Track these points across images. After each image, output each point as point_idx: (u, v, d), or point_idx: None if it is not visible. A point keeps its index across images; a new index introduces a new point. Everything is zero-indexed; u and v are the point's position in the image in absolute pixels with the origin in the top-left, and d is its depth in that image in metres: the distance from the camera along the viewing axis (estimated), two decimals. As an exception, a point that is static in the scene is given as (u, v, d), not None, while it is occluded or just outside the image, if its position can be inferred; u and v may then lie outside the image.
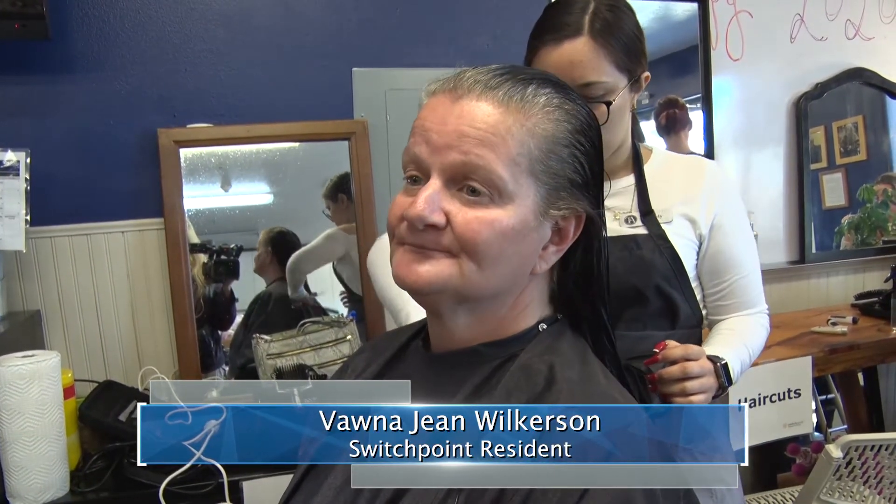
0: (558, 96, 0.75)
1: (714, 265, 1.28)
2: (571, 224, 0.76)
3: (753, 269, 1.30)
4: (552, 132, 0.73)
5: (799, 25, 2.62)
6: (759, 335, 1.29)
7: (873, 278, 2.77)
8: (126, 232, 1.93)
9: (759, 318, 1.31)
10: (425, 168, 0.73)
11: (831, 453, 1.71)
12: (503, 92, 0.72)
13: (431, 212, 0.71)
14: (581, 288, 0.80)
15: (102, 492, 1.51)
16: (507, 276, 0.74)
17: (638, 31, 1.20)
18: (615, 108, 1.17)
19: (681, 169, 1.31)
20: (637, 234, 1.24)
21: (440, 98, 0.74)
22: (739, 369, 1.20)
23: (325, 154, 2.11)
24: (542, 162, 0.72)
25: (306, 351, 1.94)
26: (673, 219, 1.25)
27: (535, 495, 0.63)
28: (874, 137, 2.80)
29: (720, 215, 1.26)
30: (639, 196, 1.27)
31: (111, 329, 1.93)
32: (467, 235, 0.71)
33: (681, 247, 1.24)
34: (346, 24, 2.08)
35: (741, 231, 1.29)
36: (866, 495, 1.84)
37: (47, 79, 1.85)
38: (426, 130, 0.73)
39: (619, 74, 1.17)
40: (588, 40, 1.14)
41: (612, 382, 0.76)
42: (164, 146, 1.90)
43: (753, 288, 1.30)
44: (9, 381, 1.39)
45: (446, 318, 0.78)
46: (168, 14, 1.94)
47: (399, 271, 0.75)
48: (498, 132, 0.71)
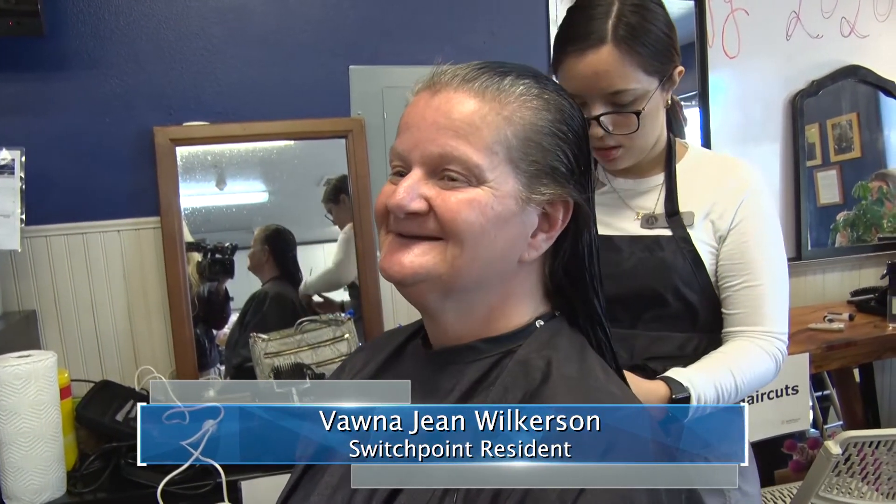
0: (537, 86, 0.76)
1: (725, 268, 1.20)
2: (559, 211, 0.77)
3: (769, 283, 1.19)
4: (530, 120, 0.74)
5: (795, 23, 2.62)
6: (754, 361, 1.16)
7: (869, 275, 2.77)
8: (122, 231, 1.92)
9: (760, 342, 1.18)
10: (407, 161, 0.75)
11: (830, 450, 1.71)
12: (479, 83, 0.73)
13: (411, 200, 0.73)
14: (572, 278, 0.80)
15: (100, 492, 1.51)
16: (491, 260, 0.75)
17: (667, 29, 1.15)
18: (645, 114, 1.14)
19: (713, 169, 1.25)
20: (660, 235, 1.21)
21: (421, 94, 0.76)
22: (714, 396, 1.10)
23: (321, 152, 2.10)
24: (519, 149, 0.73)
25: (304, 350, 1.94)
26: (696, 223, 1.21)
27: (534, 492, 0.63)
28: (868, 135, 2.80)
29: (743, 220, 1.19)
30: (666, 195, 1.23)
31: (107, 328, 1.93)
32: (448, 216, 0.72)
33: (704, 253, 1.20)
34: (343, 22, 2.07)
35: (763, 240, 1.20)
36: (864, 491, 1.85)
37: (42, 76, 1.84)
38: (408, 126, 0.75)
39: (649, 78, 1.14)
40: (612, 49, 1.10)
41: (612, 378, 0.76)
42: (160, 144, 1.90)
43: (765, 303, 1.19)
44: (5, 381, 1.38)
45: (435, 313, 0.78)
46: (163, 11, 1.93)
47: (383, 263, 0.76)
48: (473, 121, 0.72)
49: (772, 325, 1.19)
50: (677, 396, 1.06)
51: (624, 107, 1.13)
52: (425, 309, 0.79)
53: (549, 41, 2.27)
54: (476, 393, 0.74)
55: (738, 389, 1.13)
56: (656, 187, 1.25)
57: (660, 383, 1.08)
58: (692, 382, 1.08)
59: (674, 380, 1.08)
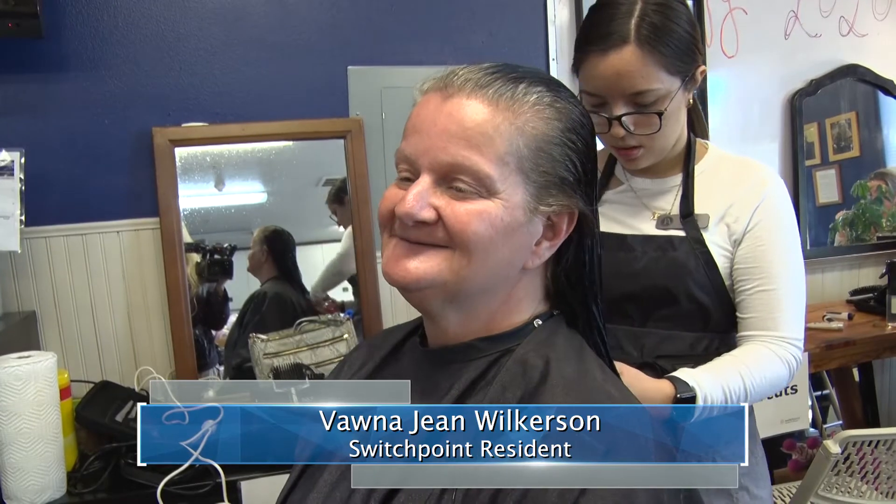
0: (550, 94, 0.75)
1: (740, 271, 1.18)
2: (564, 220, 0.76)
3: (784, 288, 1.16)
4: (542, 130, 0.73)
5: (793, 22, 2.62)
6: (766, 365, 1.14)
7: (868, 274, 2.78)
8: (121, 232, 1.92)
9: (773, 347, 1.16)
10: (416, 167, 0.74)
11: (829, 449, 1.71)
12: (493, 90, 0.72)
13: (421, 208, 0.72)
14: (573, 284, 0.80)
15: (100, 493, 1.51)
16: (496, 269, 0.74)
17: (691, 28, 1.14)
18: (667, 115, 1.13)
19: (731, 172, 1.24)
20: (673, 235, 1.20)
21: (431, 97, 0.74)
22: (721, 398, 1.08)
23: (320, 153, 2.11)
24: (531, 160, 0.73)
25: (303, 350, 1.94)
26: (711, 226, 1.19)
27: (534, 492, 0.63)
28: (867, 134, 2.80)
29: (759, 223, 1.18)
30: (682, 196, 1.22)
31: (107, 329, 1.93)
32: (457, 227, 0.71)
33: (717, 255, 1.18)
34: (341, 22, 2.08)
35: (779, 244, 1.18)
36: (863, 490, 1.85)
37: (41, 78, 1.85)
38: (417, 130, 0.74)
39: (672, 78, 1.12)
40: (635, 49, 1.09)
41: (609, 378, 0.76)
42: (158, 145, 1.90)
43: (780, 307, 1.16)
44: (5, 382, 1.38)
45: (436, 316, 0.78)
46: (162, 12, 1.93)
47: (387, 268, 0.75)
48: (485, 131, 0.71)
49: (786, 331, 1.16)
50: (682, 396, 1.04)
51: (646, 107, 1.12)
52: (427, 312, 0.79)
53: (548, 41, 2.27)
54: (474, 392, 0.75)
55: (747, 393, 1.10)
56: (674, 188, 1.24)
57: (665, 382, 1.06)
58: (699, 383, 1.06)
59: (680, 379, 1.06)
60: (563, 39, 2.30)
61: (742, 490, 1.23)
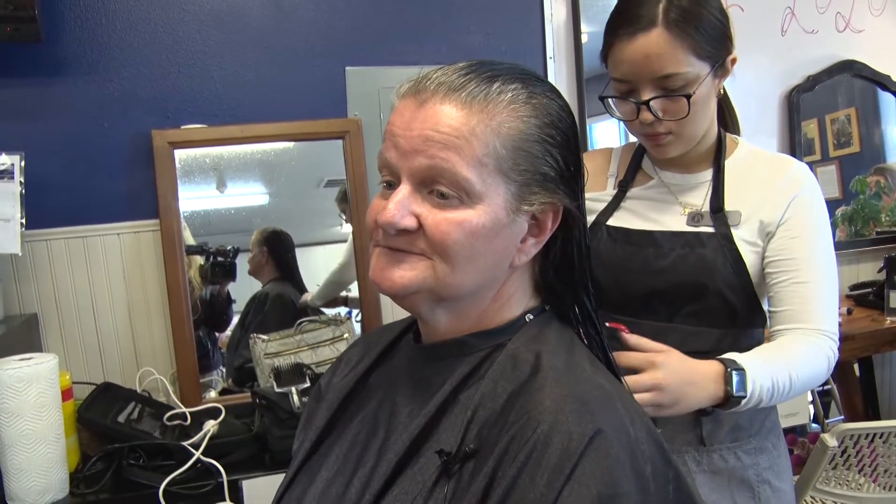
0: (525, 91, 0.74)
1: (773, 264, 1.18)
2: (549, 216, 0.77)
3: (818, 281, 1.16)
4: (519, 129, 0.73)
5: (790, 19, 2.63)
6: (810, 358, 1.13)
7: (867, 269, 2.78)
8: (122, 234, 1.93)
9: (812, 338, 1.14)
10: (396, 173, 0.74)
11: (826, 443, 1.72)
12: (466, 93, 0.72)
13: (402, 217, 0.72)
14: (562, 278, 0.81)
15: (102, 493, 1.51)
16: (482, 273, 0.75)
17: (721, 15, 1.14)
18: (696, 99, 1.12)
19: (762, 167, 1.23)
20: (702, 231, 1.20)
21: (407, 101, 0.74)
22: (770, 385, 1.06)
23: (319, 153, 2.11)
24: (509, 160, 0.72)
25: (304, 350, 1.95)
26: (741, 222, 1.19)
27: (522, 482, 0.64)
28: (867, 129, 2.81)
29: (793, 217, 1.17)
30: (713, 192, 1.22)
31: (108, 331, 1.94)
32: (437, 237, 0.72)
33: (746, 252, 1.18)
34: (339, 24, 2.08)
35: (812, 238, 1.18)
36: (861, 483, 1.85)
37: (40, 81, 1.85)
38: (394, 136, 0.74)
39: (701, 63, 1.12)
40: (663, 31, 1.09)
41: (599, 369, 0.76)
42: (158, 147, 1.90)
43: (813, 299, 1.15)
44: (7, 384, 1.39)
45: (427, 318, 0.79)
46: (160, 15, 1.94)
47: (374, 277, 0.76)
48: (461, 134, 0.70)
49: (822, 323, 1.15)
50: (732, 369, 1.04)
51: (674, 91, 1.12)
52: (418, 314, 0.80)
53: (545, 41, 2.28)
54: (466, 387, 0.75)
55: (791, 385, 1.09)
56: (704, 183, 1.24)
57: (714, 361, 1.06)
58: (746, 365, 1.05)
59: (728, 359, 1.06)
60: (560, 38, 2.31)
61: (764, 483, 1.23)
